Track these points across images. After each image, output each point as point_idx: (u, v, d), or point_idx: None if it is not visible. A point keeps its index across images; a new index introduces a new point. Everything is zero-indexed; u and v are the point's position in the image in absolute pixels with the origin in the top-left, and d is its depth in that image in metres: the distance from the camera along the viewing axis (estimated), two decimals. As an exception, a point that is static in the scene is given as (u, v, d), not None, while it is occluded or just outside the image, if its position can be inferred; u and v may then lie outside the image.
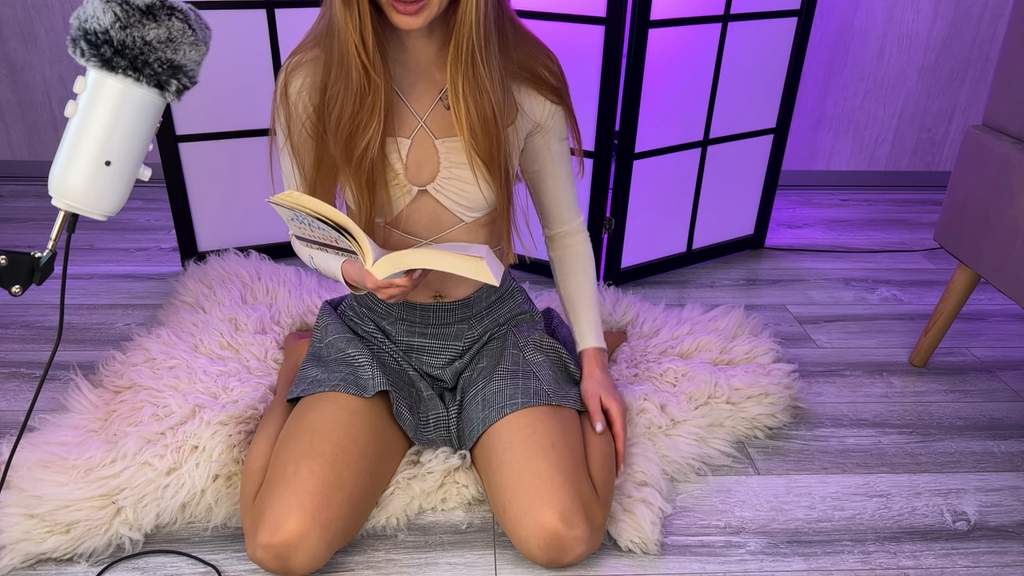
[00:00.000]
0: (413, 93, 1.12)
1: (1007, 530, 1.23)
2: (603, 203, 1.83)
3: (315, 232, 1.02)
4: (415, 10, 0.98)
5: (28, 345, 1.63)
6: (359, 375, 1.19)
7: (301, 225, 1.03)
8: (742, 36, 1.82)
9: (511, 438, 1.13)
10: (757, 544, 1.19)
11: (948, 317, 1.58)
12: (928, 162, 2.64)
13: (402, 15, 0.98)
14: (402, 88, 1.11)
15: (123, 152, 0.89)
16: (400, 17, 0.98)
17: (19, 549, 1.09)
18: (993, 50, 2.47)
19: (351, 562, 1.13)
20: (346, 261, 1.10)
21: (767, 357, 1.54)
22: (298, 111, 1.10)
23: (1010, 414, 1.51)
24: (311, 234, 1.04)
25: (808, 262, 2.12)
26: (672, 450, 1.32)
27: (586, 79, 1.71)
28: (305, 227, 1.02)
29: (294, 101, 1.10)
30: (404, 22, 0.99)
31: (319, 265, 1.15)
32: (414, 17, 0.98)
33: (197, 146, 1.86)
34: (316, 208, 0.96)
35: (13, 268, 0.91)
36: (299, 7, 1.80)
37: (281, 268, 1.81)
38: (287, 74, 1.10)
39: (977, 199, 1.43)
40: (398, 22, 0.99)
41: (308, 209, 0.96)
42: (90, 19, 0.84)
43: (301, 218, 0.99)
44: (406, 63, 1.11)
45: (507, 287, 1.33)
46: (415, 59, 1.10)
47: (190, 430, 1.23)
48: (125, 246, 2.09)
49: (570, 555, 1.07)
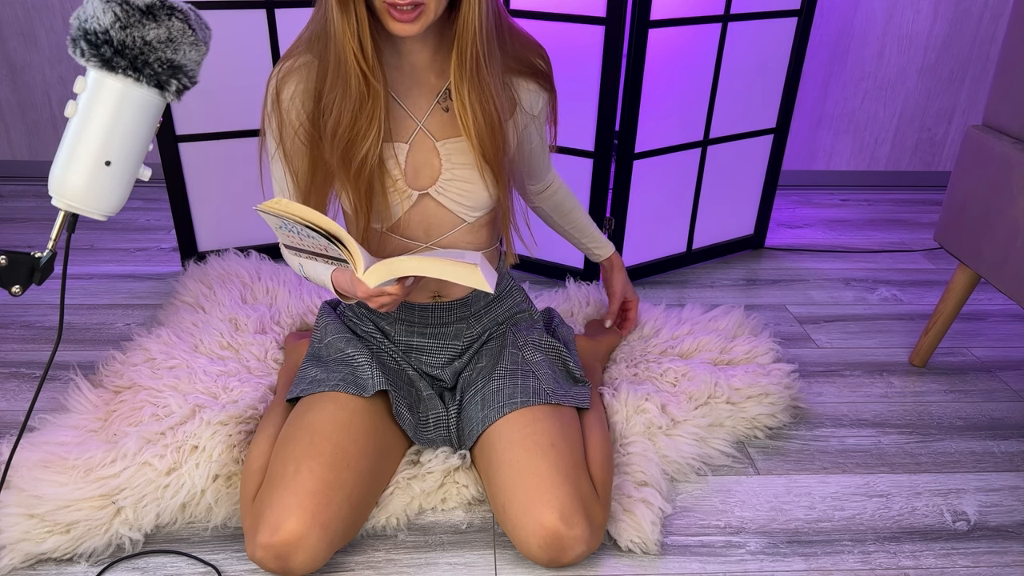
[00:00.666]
0: (410, 97, 1.12)
1: (1007, 530, 1.23)
2: (603, 203, 1.83)
3: (304, 241, 1.00)
4: (412, 17, 0.98)
5: (28, 345, 1.63)
6: (358, 375, 1.19)
7: (289, 234, 1.00)
8: (742, 36, 1.82)
9: (511, 437, 1.13)
10: (757, 544, 1.19)
11: (948, 317, 1.58)
12: (928, 162, 2.64)
13: (399, 22, 0.98)
14: (398, 93, 1.11)
15: (123, 152, 0.89)
16: (397, 24, 0.99)
17: (19, 549, 1.09)
18: (993, 50, 2.47)
19: (351, 562, 1.13)
20: (336, 269, 1.08)
21: (767, 357, 1.54)
22: (291, 118, 1.09)
23: (1010, 414, 1.51)
24: (300, 243, 1.01)
25: (808, 262, 2.12)
26: (672, 450, 1.32)
27: (586, 79, 1.71)
28: (294, 235, 1.00)
29: (286, 108, 1.08)
30: (401, 29, 0.99)
31: (309, 273, 1.13)
32: (411, 24, 0.98)
33: (197, 146, 1.86)
34: (305, 216, 0.93)
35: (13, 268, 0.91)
36: (299, 7, 1.80)
37: (281, 268, 1.81)
38: (279, 80, 1.08)
39: (977, 199, 1.43)
40: (395, 29, 0.99)
41: (297, 217, 0.93)
42: (90, 19, 0.84)
43: (289, 226, 0.97)
44: (401, 67, 1.11)
45: (506, 286, 1.33)
46: (409, 63, 1.10)
47: (190, 430, 1.23)
48: (125, 246, 2.09)
49: (570, 554, 1.07)
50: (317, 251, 1.02)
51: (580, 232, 1.47)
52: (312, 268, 1.11)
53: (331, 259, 1.03)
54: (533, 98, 1.19)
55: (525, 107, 1.18)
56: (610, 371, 1.52)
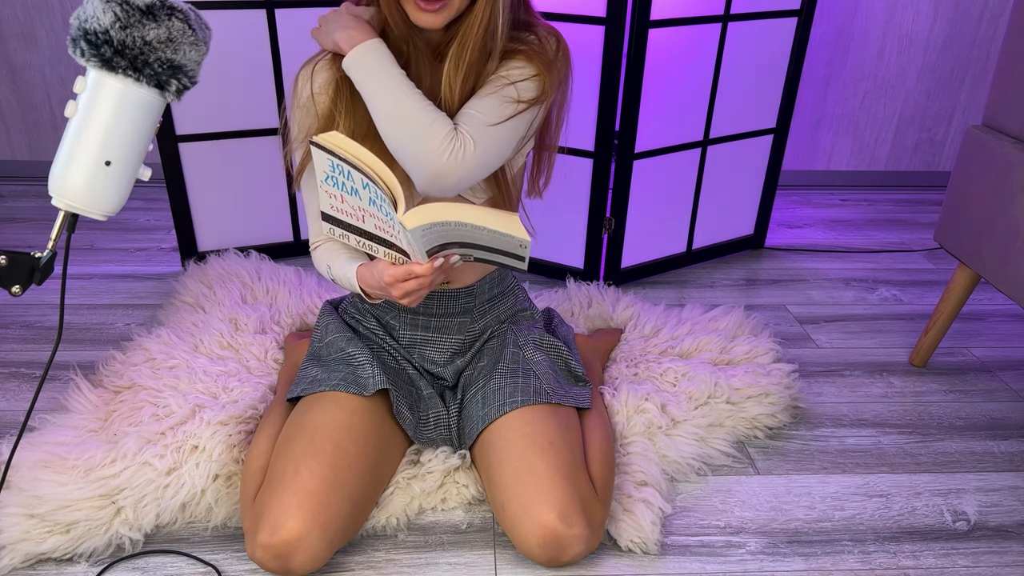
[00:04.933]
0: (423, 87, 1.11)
1: (1007, 530, 1.23)
2: (603, 203, 1.83)
3: (346, 201, 0.98)
4: (437, 7, 1.00)
5: (28, 345, 1.63)
6: (359, 374, 1.19)
7: (333, 191, 0.98)
8: (742, 36, 1.82)
9: (510, 436, 1.14)
10: (757, 544, 1.19)
11: (948, 317, 1.58)
12: (928, 162, 2.64)
13: (424, 12, 1.01)
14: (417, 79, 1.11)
15: (123, 152, 0.89)
16: (422, 15, 1.01)
17: (19, 549, 1.09)
18: (993, 50, 2.47)
19: (351, 562, 1.13)
20: (361, 265, 1.08)
21: (767, 357, 1.54)
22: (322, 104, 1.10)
23: (1010, 414, 1.51)
24: (340, 208, 1.00)
25: (808, 262, 2.12)
26: (672, 450, 1.32)
27: (586, 79, 1.71)
28: (337, 193, 0.98)
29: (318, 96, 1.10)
30: (425, 20, 1.01)
31: (336, 274, 1.13)
32: (435, 15, 1.01)
33: (197, 146, 1.86)
34: (353, 151, 0.93)
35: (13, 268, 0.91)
36: (299, 7, 1.80)
37: (281, 268, 1.81)
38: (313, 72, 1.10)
39: (977, 199, 1.43)
40: (420, 20, 1.01)
41: (345, 151, 0.93)
42: (90, 19, 0.84)
43: (337, 173, 0.96)
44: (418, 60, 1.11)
45: (508, 284, 1.33)
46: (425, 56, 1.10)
47: (190, 430, 1.23)
48: (125, 246, 2.09)
49: (569, 553, 1.07)
50: (353, 221, 1.01)
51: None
52: (340, 269, 1.11)
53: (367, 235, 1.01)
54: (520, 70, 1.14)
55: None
56: (610, 371, 1.52)
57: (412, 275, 1.00)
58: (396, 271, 1.00)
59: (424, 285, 1.01)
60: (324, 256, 1.15)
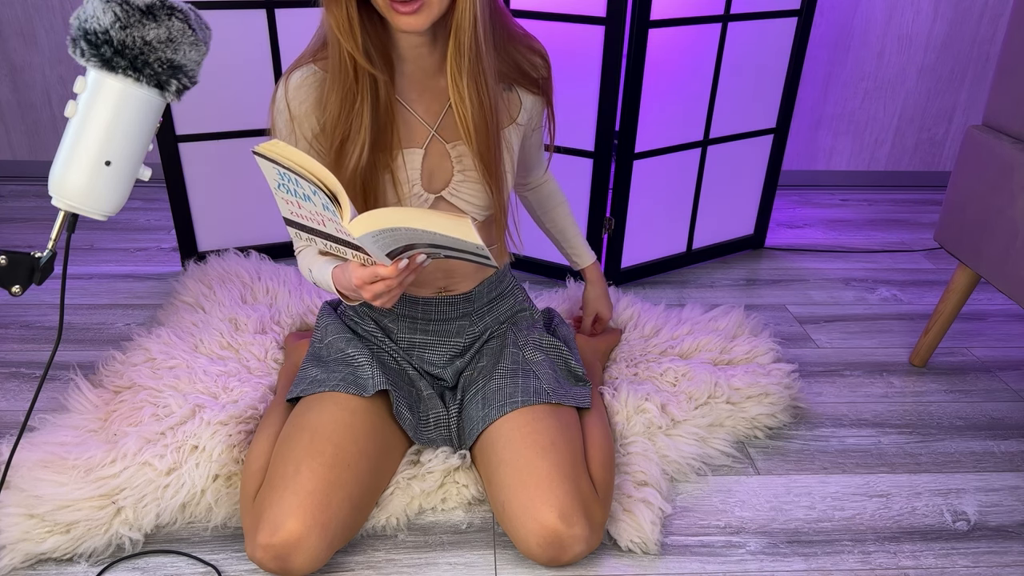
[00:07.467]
0: (421, 103, 1.12)
1: (1007, 530, 1.23)
2: (603, 203, 1.83)
3: (303, 207, 0.95)
4: (414, 9, 0.96)
5: (28, 345, 1.63)
6: (359, 375, 1.19)
7: (288, 197, 0.95)
8: (742, 36, 1.82)
9: (511, 436, 1.14)
10: (757, 544, 1.19)
11: (948, 317, 1.58)
12: (928, 162, 2.64)
13: (402, 15, 0.97)
14: (409, 100, 1.11)
15: (123, 152, 0.89)
16: (401, 18, 0.97)
17: (19, 549, 1.09)
18: (993, 50, 2.47)
19: (351, 562, 1.13)
20: (336, 267, 1.06)
21: (767, 357, 1.54)
22: (304, 131, 1.10)
23: (1010, 414, 1.51)
24: (299, 214, 0.97)
25: (808, 262, 2.12)
26: (672, 450, 1.32)
27: (586, 79, 1.71)
28: (292, 199, 0.94)
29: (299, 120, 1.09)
30: (405, 23, 0.97)
31: (317, 278, 1.12)
32: (415, 16, 0.97)
33: (197, 146, 1.86)
34: (297, 159, 0.88)
35: (13, 268, 0.91)
36: (299, 7, 1.80)
37: (281, 268, 1.81)
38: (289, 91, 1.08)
39: (977, 199, 1.43)
40: (399, 23, 0.98)
41: (288, 159, 0.88)
42: (90, 19, 0.84)
43: (287, 181, 0.91)
44: (411, 74, 1.11)
45: (508, 285, 1.33)
46: (420, 68, 1.10)
47: (190, 430, 1.23)
48: (125, 246, 2.09)
49: (569, 553, 1.07)
50: (315, 225, 0.97)
51: (561, 234, 1.47)
52: (320, 272, 1.10)
53: (331, 239, 0.98)
54: (535, 108, 1.22)
55: (525, 118, 1.20)
56: (610, 371, 1.52)
57: (378, 277, 0.97)
58: (363, 273, 0.97)
59: (392, 287, 0.99)
60: (306, 260, 1.14)
